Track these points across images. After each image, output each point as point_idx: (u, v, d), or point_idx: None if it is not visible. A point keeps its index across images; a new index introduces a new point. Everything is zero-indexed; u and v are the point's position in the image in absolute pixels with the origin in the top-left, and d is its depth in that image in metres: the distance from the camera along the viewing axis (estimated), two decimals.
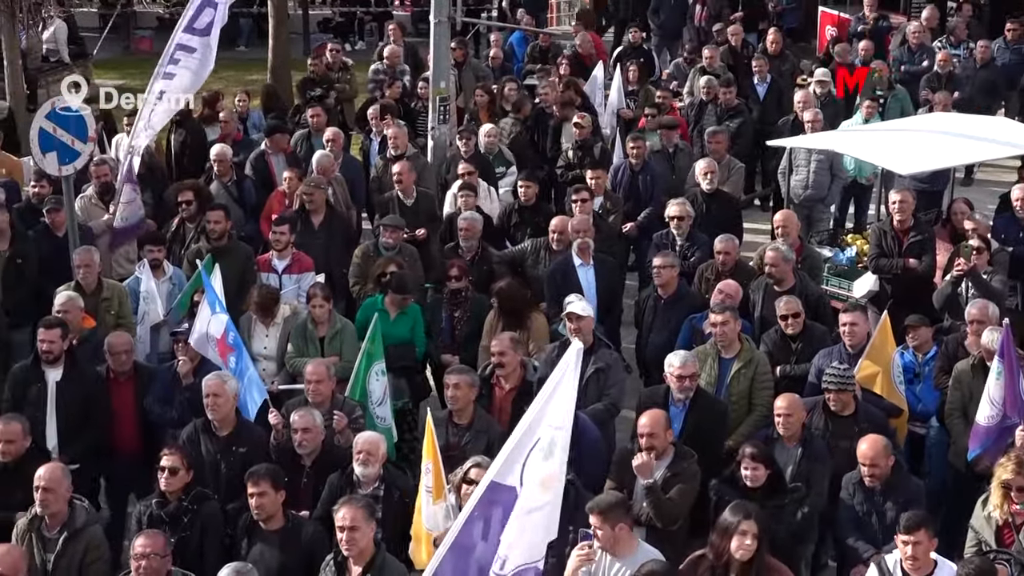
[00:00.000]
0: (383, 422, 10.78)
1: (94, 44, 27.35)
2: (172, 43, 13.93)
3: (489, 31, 24.68)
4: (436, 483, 8.79)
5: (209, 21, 13.90)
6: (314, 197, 13.93)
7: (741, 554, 8.10)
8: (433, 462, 8.79)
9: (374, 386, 10.98)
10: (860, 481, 9.42)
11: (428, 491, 8.80)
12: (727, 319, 10.86)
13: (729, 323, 10.85)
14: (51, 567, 8.76)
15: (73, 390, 10.82)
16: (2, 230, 13.23)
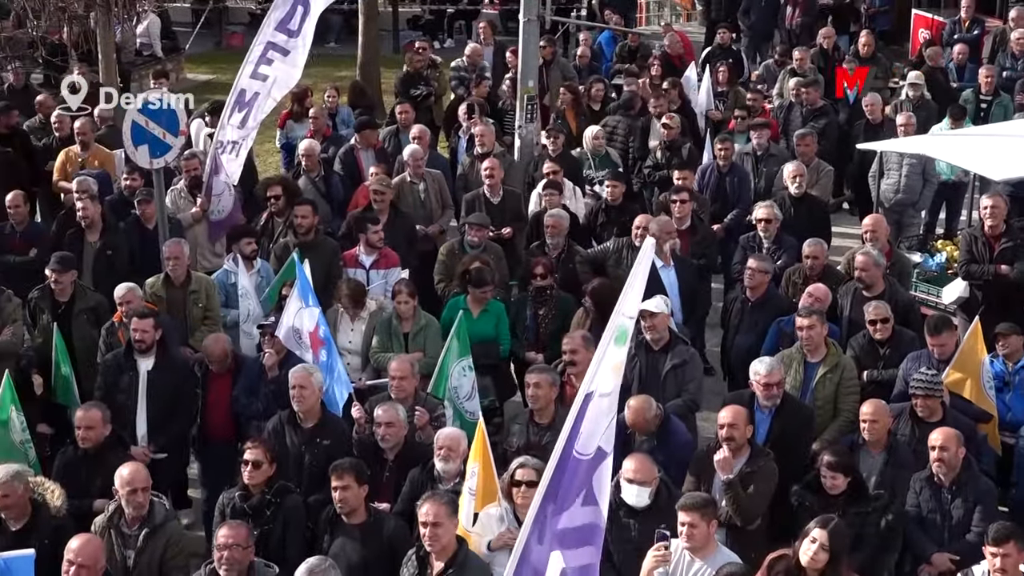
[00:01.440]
0: (472, 416, 10.78)
1: (186, 39, 27.71)
2: (262, 41, 14.03)
3: (578, 30, 24.62)
4: (485, 487, 8.76)
5: (301, 22, 13.96)
6: (383, 197, 13.98)
7: (808, 561, 8.05)
8: (481, 465, 8.76)
9: (461, 381, 11.00)
10: (929, 478, 9.34)
11: (471, 493, 8.79)
12: (813, 323, 10.76)
13: (815, 327, 10.75)
14: (132, 563, 8.84)
15: (164, 380, 10.96)
16: (93, 222, 13.40)
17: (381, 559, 8.83)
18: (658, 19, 28.93)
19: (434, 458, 9.38)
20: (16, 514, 9.02)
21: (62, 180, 15.64)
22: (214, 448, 11.27)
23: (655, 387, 10.61)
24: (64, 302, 12.16)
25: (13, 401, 10.37)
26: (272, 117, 21.02)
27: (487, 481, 8.74)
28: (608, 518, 8.76)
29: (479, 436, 8.82)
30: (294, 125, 17.97)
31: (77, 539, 8.16)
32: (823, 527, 8.10)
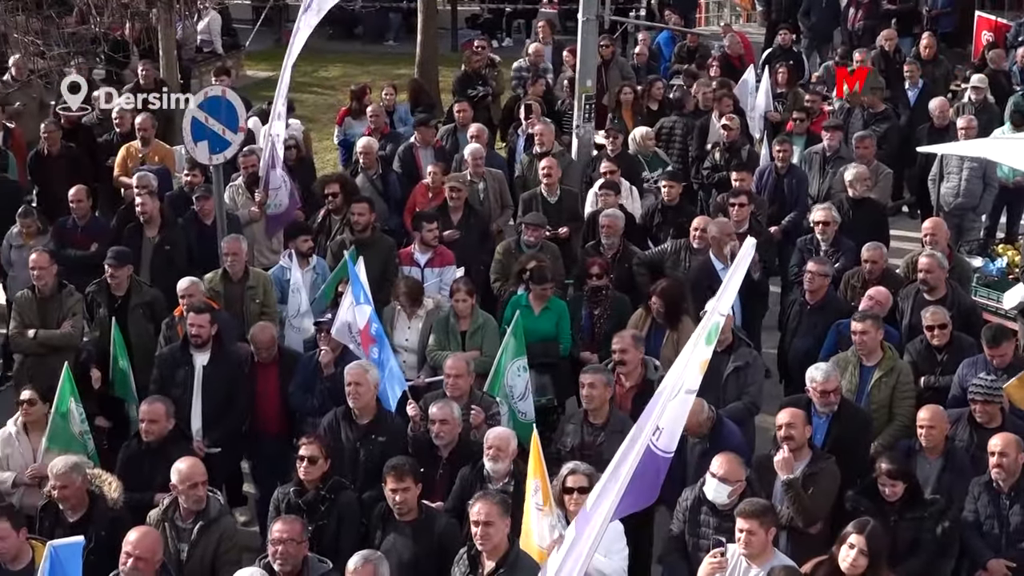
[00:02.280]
0: (524, 417, 10.77)
1: (247, 36, 27.84)
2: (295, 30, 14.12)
3: (637, 30, 24.58)
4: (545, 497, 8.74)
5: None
6: (460, 194, 14.02)
7: (847, 567, 8.01)
8: (540, 479, 8.72)
9: (515, 381, 10.99)
10: (987, 484, 9.24)
11: (539, 509, 8.65)
12: (868, 328, 10.68)
13: (870, 332, 10.67)
14: (185, 557, 8.89)
15: (219, 375, 11.03)
16: (152, 217, 13.49)
17: (432, 557, 8.83)
18: (718, 19, 28.83)
19: (484, 457, 9.38)
20: (74, 505, 9.10)
21: (122, 175, 15.77)
22: (266, 443, 11.33)
23: (716, 388, 10.56)
24: (120, 296, 12.24)
25: (72, 393, 10.46)
26: (330, 115, 21.27)
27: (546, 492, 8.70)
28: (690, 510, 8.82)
29: (535, 450, 8.78)
30: (352, 122, 18.06)
31: (135, 531, 8.22)
32: (860, 532, 8.05)
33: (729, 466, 8.80)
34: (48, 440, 10.30)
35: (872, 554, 7.98)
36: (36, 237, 13.72)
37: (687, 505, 9.08)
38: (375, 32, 30.29)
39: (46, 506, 9.28)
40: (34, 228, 13.79)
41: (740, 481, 8.78)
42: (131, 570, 7.98)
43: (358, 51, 29.28)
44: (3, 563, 8.53)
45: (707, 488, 8.86)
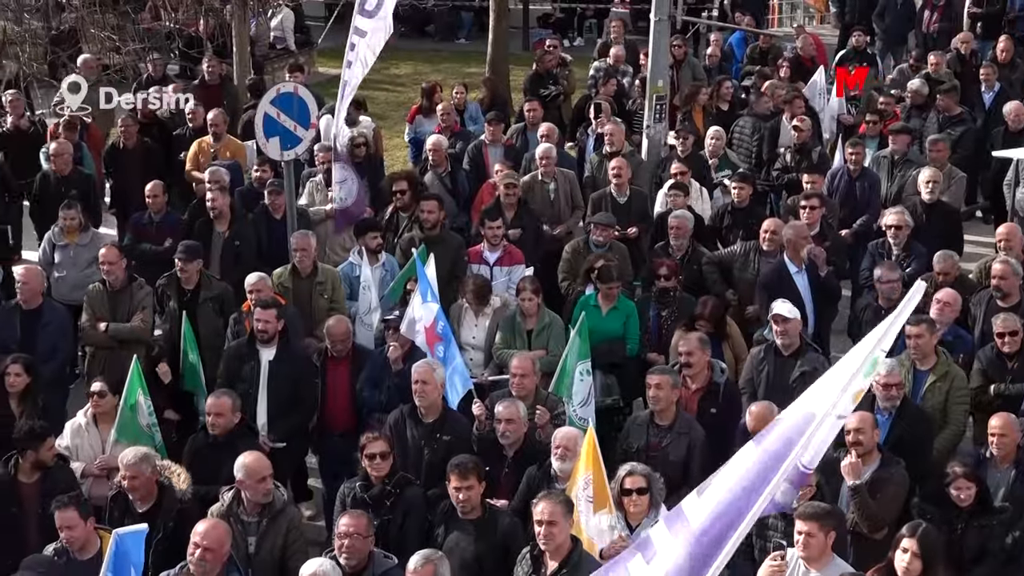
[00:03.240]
0: (583, 423, 10.74)
1: (319, 33, 27.99)
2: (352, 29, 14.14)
3: (709, 30, 24.46)
4: (598, 494, 8.71)
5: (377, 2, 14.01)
6: (513, 191, 14.02)
7: (902, 572, 7.96)
8: (594, 472, 8.69)
9: (578, 387, 10.94)
10: None
11: (589, 502, 8.72)
12: (922, 331, 10.58)
13: (924, 336, 10.57)
14: (254, 550, 8.93)
15: (285, 370, 11.07)
16: (222, 212, 13.59)
17: (494, 555, 8.83)
18: (791, 20, 28.63)
19: (551, 457, 9.35)
20: (142, 496, 9.19)
21: (194, 170, 15.91)
22: (333, 439, 11.37)
23: (782, 393, 10.46)
24: (190, 290, 12.32)
25: (141, 386, 10.55)
26: (401, 112, 21.33)
27: (599, 489, 8.69)
28: None
29: (589, 444, 8.76)
30: (423, 120, 18.11)
31: (204, 523, 8.28)
32: (912, 535, 8.00)
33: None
34: (116, 432, 10.41)
35: (926, 557, 7.92)
36: (79, 233, 13.69)
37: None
38: (447, 30, 30.36)
39: (115, 497, 9.38)
40: (76, 222, 13.68)
41: (810, 486, 8.72)
42: (199, 561, 8.04)
43: (429, 49, 29.35)
44: (71, 552, 8.63)
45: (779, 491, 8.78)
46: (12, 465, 9.70)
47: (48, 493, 9.27)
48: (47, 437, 9.70)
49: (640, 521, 8.72)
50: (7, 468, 9.71)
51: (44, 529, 9.17)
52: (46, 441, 9.66)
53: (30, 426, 9.85)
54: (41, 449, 9.62)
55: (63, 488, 9.35)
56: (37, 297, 12.16)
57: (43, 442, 9.63)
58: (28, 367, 10.84)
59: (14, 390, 10.78)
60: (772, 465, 6.47)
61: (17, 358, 10.92)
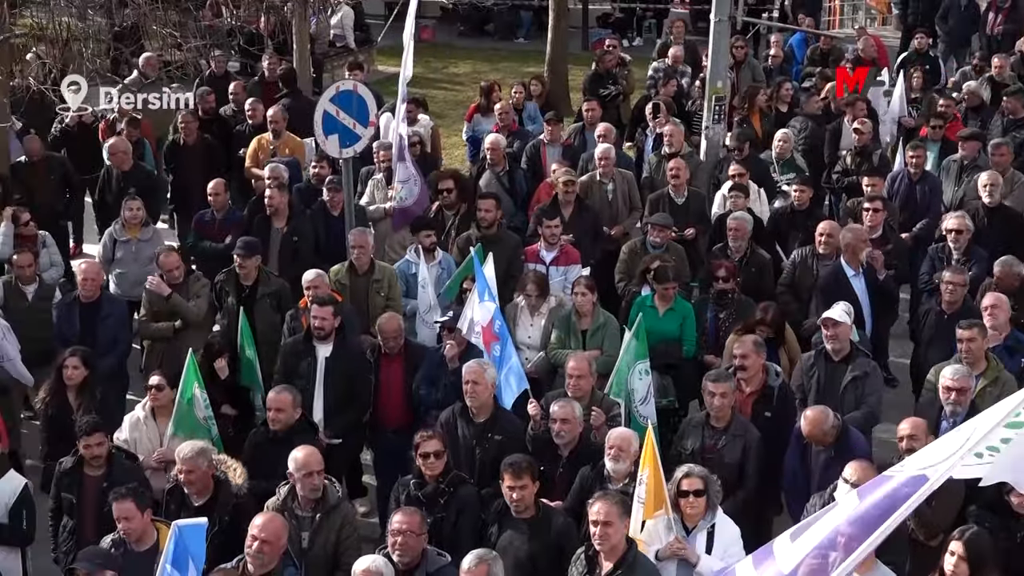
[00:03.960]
0: (645, 421, 10.71)
1: (379, 31, 28.07)
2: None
3: (769, 31, 24.35)
4: (655, 495, 8.65)
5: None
6: (572, 188, 14.00)
7: (949, 574, 7.91)
8: (652, 472, 8.64)
9: (637, 384, 10.92)
10: None
11: (640, 502, 8.66)
12: (974, 335, 10.49)
13: (976, 339, 10.48)
14: (307, 544, 8.95)
15: (341, 366, 11.10)
16: (279, 209, 13.65)
17: (548, 555, 8.81)
18: (852, 22, 28.44)
19: (605, 457, 9.33)
20: (199, 490, 9.24)
21: (253, 167, 15.99)
22: (388, 436, 11.39)
23: (833, 398, 10.44)
24: (248, 286, 12.42)
25: (197, 379, 10.61)
26: (459, 110, 21.36)
27: (656, 488, 8.65)
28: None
29: (648, 442, 8.73)
30: (481, 119, 18.12)
31: (261, 516, 8.33)
32: (959, 538, 7.96)
33: (863, 473, 8.66)
34: (174, 425, 10.48)
35: (973, 561, 7.86)
36: (140, 228, 13.81)
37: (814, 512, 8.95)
38: (506, 29, 30.38)
39: (172, 490, 9.44)
40: (140, 215, 13.81)
41: None
42: (256, 553, 8.08)
43: (488, 48, 29.38)
44: (128, 543, 8.70)
45: (838, 494, 8.72)
46: (79, 456, 9.78)
47: (112, 486, 9.35)
48: (95, 432, 9.73)
49: (696, 523, 8.68)
50: (74, 459, 9.80)
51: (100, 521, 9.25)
52: (93, 435, 9.70)
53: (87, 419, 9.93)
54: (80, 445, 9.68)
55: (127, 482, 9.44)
56: (97, 291, 12.27)
57: (90, 436, 9.69)
58: (85, 360, 10.94)
59: (72, 383, 10.88)
60: (872, 523, 6.39)
61: (75, 351, 11.02)
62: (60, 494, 9.80)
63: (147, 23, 16.88)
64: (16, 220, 13.84)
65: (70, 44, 15.75)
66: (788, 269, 13.06)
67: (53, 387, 10.99)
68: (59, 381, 10.94)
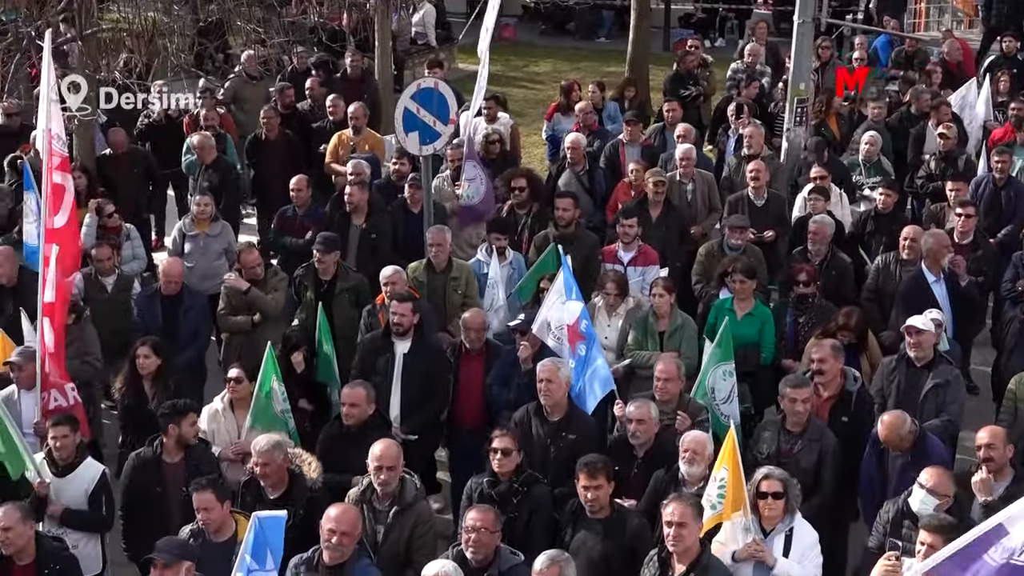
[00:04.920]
0: (726, 420, 10.66)
1: (460, 29, 28.14)
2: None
3: (853, 33, 24.12)
4: (734, 496, 8.59)
5: None
6: (662, 188, 13.95)
7: None
8: (732, 472, 8.59)
9: (720, 384, 10.84)
10: None
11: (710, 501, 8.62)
12: None
13: None
14: (381, 538, 9.00)
15: (419, 363, 11.12)
16: (359, 205, 13.71)
17: (622, 556, 8.79)
18: (938, 24, 28.09)
19: (679, 460, 9.29)
20: (274, 482, 9.30)
21: (334, 163, 16.08)
22: (465, 434, 11.40)
23: (913, 405, 10.32)
24: (327, 281, 12.48)
25: (275, 372, 10.69)
26: (539, 109, 21.36)
27: (735, 489, 8.59)
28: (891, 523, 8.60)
29: (729, 442, 8.67)
30: (561, 118, 18.11)
31: (336, 507, 8.35)
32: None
33: (939, 479, 8.59)
34: (252, 418, 10.56)
35: None
36: (210, 223, 13.90)
37: (888, 518, 8.88)
38: (587, 28, 30.36)
39: (248, 482, 9.50)
40: (209, 210, 13.91)
41: (948, 496, 8.55)
42: (336, 545, 8.13)
43: (569, 47, 29.36)
44: (207, 533, 8.78)
45: (913, 499, 8.65)
46: (157, 445, 9.90)
47: (191, 473, 9.46)
48: (189, 412, 9.88)
49: (774, 526, 8.62)
50: (152, 448, 9.92)
51: (186, 509, 9.36)
52: (188, 416, 9.84)
53: (173, 401, 10.05)
54: (183, 424, 9.80)
55: (205, 469, 9.55)
56: (179, 286, 12.40)
57: (185, 417, 9.82)
58: (157, 349, 11.06)
59: (146, 372, 11.01)
60: None
61: (145, 340, 11.16)
62: (138, 486, 9.89)
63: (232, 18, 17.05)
64: (100, 212, 14.02)
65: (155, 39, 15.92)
66: (872, 274, 12.93)
67: (128, 377, 11.13)
68: (134, 371, 11.07)
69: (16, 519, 8.62)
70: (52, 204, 10.52)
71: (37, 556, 8.75)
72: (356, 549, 8.31)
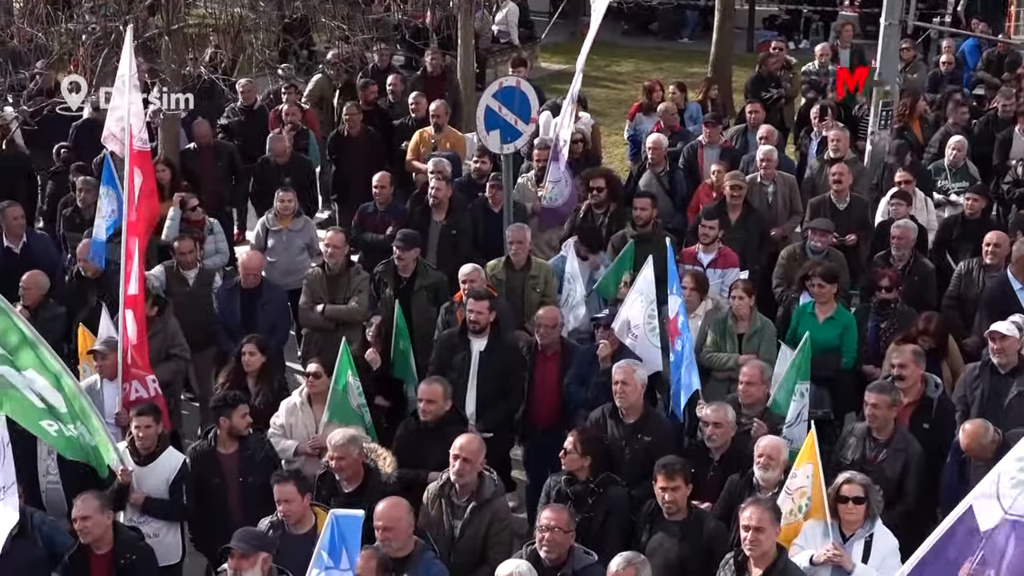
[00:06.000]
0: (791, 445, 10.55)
1: (543, 28, 28.14)
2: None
3: (940, 36, 23.83)
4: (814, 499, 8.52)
5: None
6: (739, 192, 13.86)
7: None
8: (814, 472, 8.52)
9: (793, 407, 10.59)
10: None
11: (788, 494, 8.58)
12: None
13: None
14: (458, 534, 9.02)
15: (495, 361, 11.14)
16: (442, 202, 13.74)
17: (698, 558, 8.75)
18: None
19: (754, 466, 9.22)
20: (349, 477, 9.35)
21: (415, 160, 16.14)
22: (539, 432, 11.40)
23: (997, 412, 10.19)
24: (406, 278, 12.51)
25: (351, 367, 10.73)
26: (621, 109, 21.31)
27: (816, 493, 8.53)
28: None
29: (809, 439, 8.59)
30: (643, 118, 18.04)
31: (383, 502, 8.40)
32: None
33: None
34: (329, 412, 10.61)
35: None
36: (292, 219, 13.97)
37: None
38: (670, 28, 30.25)
39: (323, 476, 9.57)
40: (292, 206, 13.98)
41: None
42: (383, 540, 8.21)
43: (652, 47, 29.28)
44: (287, 525, 8.84)
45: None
46: (212, 437, 10.01)
47: (245, 463, 9.53)
48: (239, 405, 9.97)
49: (854, 531, 8.55)
50: (207, 440, 10.03)
51: (245, 499, 9.43)
52: (238, 408, 9.93)
53: (224, 394, 10.18)
54: (234, 416, 9.90)
55: (261, 458, 9.62)
56: (258, 280, 12.49)
57: (235, 409, 9.92)
58: (262, 347, 11.15)
59: (250, 369, 11.10)
60: None
61: (251, 338, 11.24)
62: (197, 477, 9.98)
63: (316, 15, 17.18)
64: (184, 206, 14.16)
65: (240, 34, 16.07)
66: (953, 280, 12.76)
67: (232, 374, 11.23)
68: (238, 368, 11.17)
69: (94, 508, 8.75)
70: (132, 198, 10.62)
71: (114, 545, 8.87)
72: (420, 543, 8.36)
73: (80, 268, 12.72)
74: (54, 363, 9.34)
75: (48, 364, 9.31)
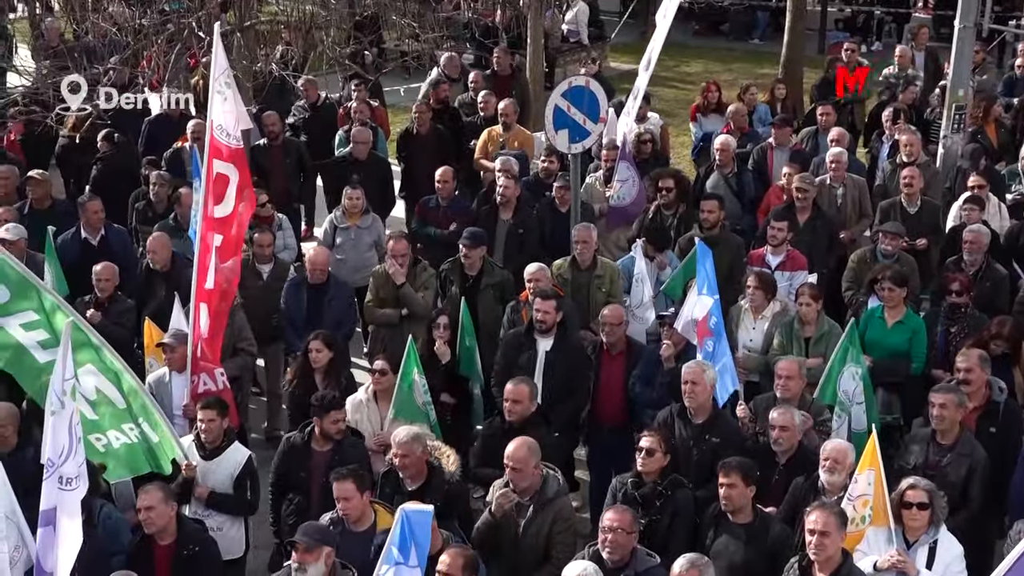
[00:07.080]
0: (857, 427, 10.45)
1: (613, 28, 28.07)
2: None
3: (1016, 39, 23.53)
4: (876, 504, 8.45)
5: None
6: (806, 195, 13.76)
7: None
8: (876, 478, 8.44)
9: (850, 384, 10.62)
10: None
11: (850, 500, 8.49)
12: None
13: None
14: (521, 532, 9.03)
15: (560, 361, 11.14)
16: (510, 201, 13.75)
17: (763, 562, 8.71)
18: None
19: (819, 469, 9.16)
20: (413, 474, 9.36)
21: (482, 158, 16.16)
22: (603, 432, 11.38)
23: None
24: (472, 276, 12.53)
25: (416, 365, 10.77)
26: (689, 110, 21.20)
27: (878, 498, 8.45)
28: None
29: (871, 447, 8.53)
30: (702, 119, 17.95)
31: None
32: None
33: None
34: (395, 409, 10.65)
35: None
36: (361, 216, 14.01)
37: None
38: (741, 29, 30.10)
39: (387, 473, 9.59)
40: (361, 203, 14.01)
41: None
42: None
43: (722, 47, 29.14)
44: (347, 523, 8.87)
45: None
46: (308, 433, 10.07)
47: (337, 464, 9.56)
48: (332, 410, 9.97)
49: (918, 537, 8.49)
50: (303, 434, 10.08)
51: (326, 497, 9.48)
52: (330, 414, 9.94)
53: (323, 394, 10.21)
54: (326, 420, 9.92)
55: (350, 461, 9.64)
56: (325, 275, 12.54)
57: (327, 415, 9.93)
58: (329, 343, 11.20)
59: (318, 365, 11.16)
60: None
61: (318, 334, 11.29)
62: (285, 469, 10.07)
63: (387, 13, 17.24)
64: None
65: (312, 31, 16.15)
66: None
67: (300, 369, 11.29)
68: (306, 364, 11.23)
69: (159, 499, 8.83)
70: (213, 194, 10.69)
71: (178, 536, 8.94)
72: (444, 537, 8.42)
73: (150, 261, 12.83)
74: (115, 362, 9.43)
75: (108, 363, 9.40)
